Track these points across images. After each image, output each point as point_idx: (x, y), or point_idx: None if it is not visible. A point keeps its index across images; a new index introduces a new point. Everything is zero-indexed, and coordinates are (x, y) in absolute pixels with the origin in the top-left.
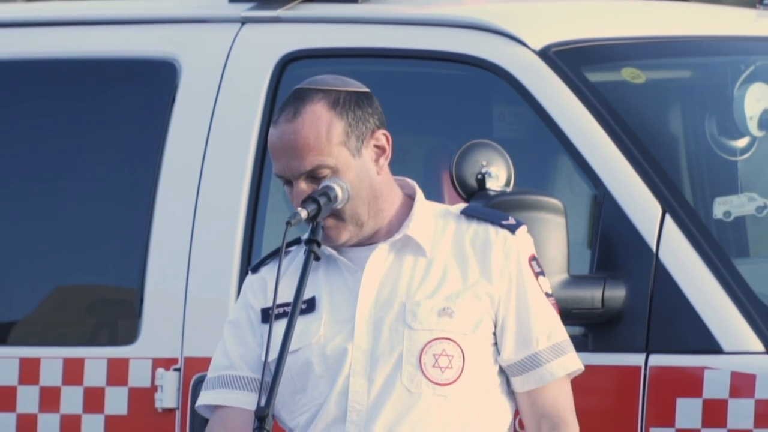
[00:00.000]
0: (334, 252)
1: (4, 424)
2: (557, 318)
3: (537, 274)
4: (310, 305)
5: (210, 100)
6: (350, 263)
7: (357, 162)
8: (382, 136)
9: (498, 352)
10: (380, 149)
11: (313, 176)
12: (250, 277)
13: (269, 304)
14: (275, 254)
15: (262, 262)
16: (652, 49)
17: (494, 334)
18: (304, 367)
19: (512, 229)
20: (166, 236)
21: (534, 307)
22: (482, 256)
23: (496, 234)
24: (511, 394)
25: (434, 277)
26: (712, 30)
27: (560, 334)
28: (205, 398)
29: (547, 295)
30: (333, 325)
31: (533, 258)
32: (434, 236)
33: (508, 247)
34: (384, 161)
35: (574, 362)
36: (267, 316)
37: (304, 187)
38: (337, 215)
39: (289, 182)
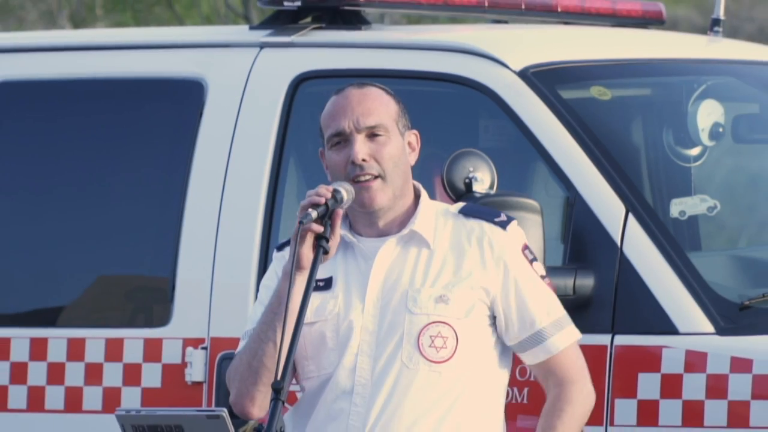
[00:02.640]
0: (354, 239)
1: (54, 395)
2: (554, 296)
3: (531, 261)
4: (327, 283)
5: (233, 114)
6: (365, 251)
7: (401, 140)
8: (413, 136)
9: (495, 332)
10: (411, 147)
11: (373, 134)
12: (276, 254)
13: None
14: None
15: (287, 243)
16: (617, 70)
17: (489, 317)
18: (318, 338)
19: (504, 225)
20: (195, 232)
21: (532, 290)
22: (478, 249)
23: (490, 230)
24: (505, 367)
25: (434, 267)
26: (669, 53)
27: (558, 310)
28: (242, 345)
29: (543, 277)
30: (346, 305)
31: (525, 247)
32: (436, 231)
33: (501, 241)
34: (413, 157)
35: (573, 334)
36: None
37: (362, 139)
38: (383, 178)
39: (338, 144)
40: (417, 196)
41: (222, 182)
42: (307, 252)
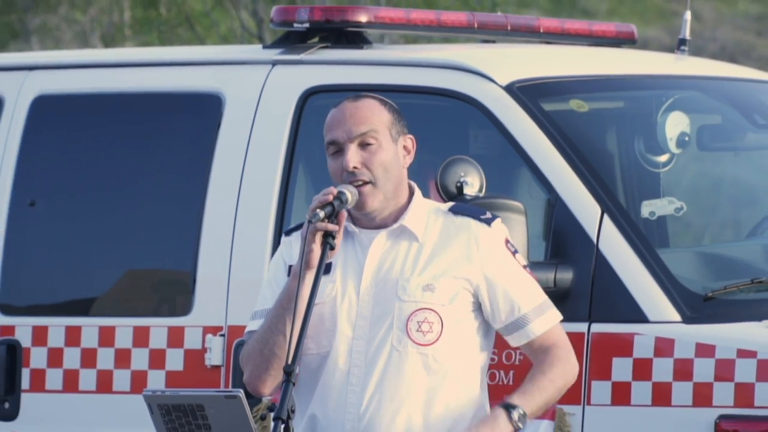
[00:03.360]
0: (355, 229)
1: (87, 378)
2: (535, 284)
3: (513, 253)
4: (327, 268)
5: (248, 124)
6: (363, 240)
7: (393, 147)
8: (409, 140)
9: (477, 318)
10: (406, 150)
11: (364, 142)
12: (284, 239)
13: (293, 262)
14: (302, 225)
15: (294, 229)
16: (593, 84)
17: (473, 303)
18: (317, 319)
19: (489, 222)
20: (214, 231)
21: (514, 279)
22: (465, 243)
23: (476, 226)
24: (486, 349)
25: (423, 259)
26: (640, 70)
27: (539, 296)
28: (252, 326)
29: (525, 267)
30: (343, 290)
31: (507, 241)
32: (426, 227)
33: (486, 236)
34: (407, 160)
35: (553, 317)
36: (289, 271)
37: (354, 148)
38: (374, 183)
39: (337, 153)
40: (412, 194)
41: (238, 186)
42: (315, 249)
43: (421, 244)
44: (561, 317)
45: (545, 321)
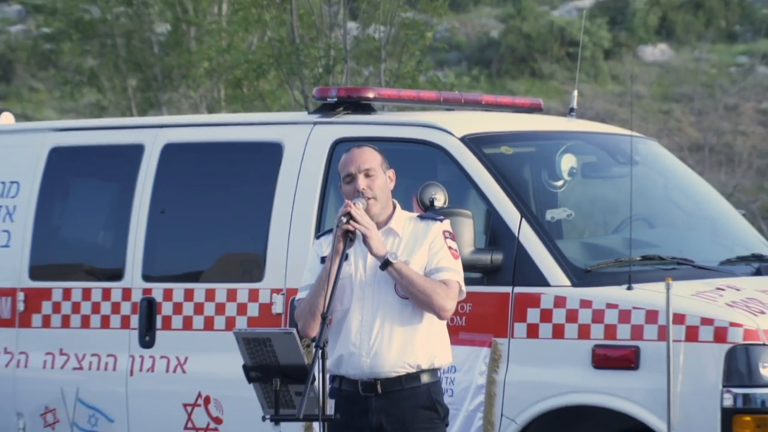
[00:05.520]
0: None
1: (198, 321)
2: (451, 257)
3: (446, 239)
4: (347, 256)
5: (298, 161)
6: None
7: (384, 176)
8: (391, 172)
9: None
10: (390, 179)
11: (367, 174)
12: (315, 241)
13: (324, 254)
14: (329, 231)
15: (321, 234)
16: (516, 136)
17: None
18: (341, 288)
19: (439, 220)
20: (278, 229)
21: (440, 252)
22: (424, 235)
23: (432, 224)
24: None
25: (401, 246)
26: (545, 127)
27: (449, 262)
28: (300, 295)
29: (450, 248)
30: (355, 269)
31: (447, 232)
32: (404, 228)
33: (434, 229)
34: (391, 185)
35: (453, 276)
36: (323, 261)
37: (362, 177)
38: (375, 198)
39: (350, 181)
40: (395, 208)
41: (292, 200)
42: (341, 243)
43: (401, 238)
44: (457, 279)
45: (446, 275)
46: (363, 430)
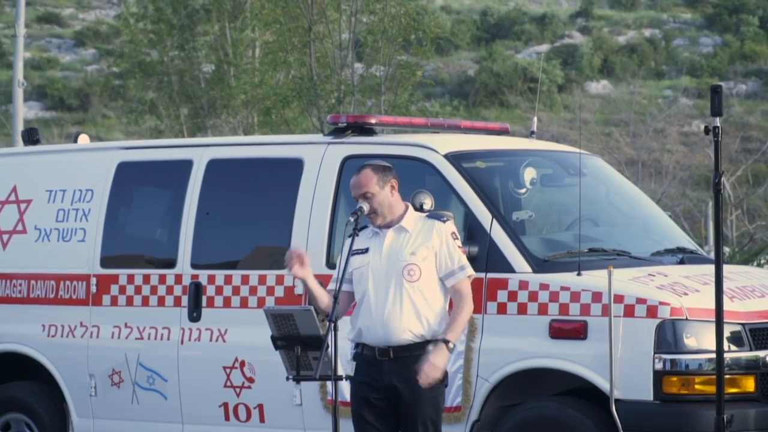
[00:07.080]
0: (378, 230)
1: (235, 301)
2: (462, 255)
3: (454, 239)
4: (366, 250)
5: (315, 174)
6: (382, 235)
7: (381, 191)
8: (394, 181)
9: (437, 271)
10: (393, 187)
11: (365, 196)
12: (346, 239)
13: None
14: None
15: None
16: (488, 153)
17: (435, 262)
18: (359, 276)
19: (445, 221)
20: (299, 229)
21: (450, 251)
22: (431, 232)
23: (438, 223)
24: (444, 290)
25: (410, 241)
26: (511, 146)
27: (463, 261)
28: (330, 286)
29: (459, 247)
30: (372, 260)
31: (453, 232)
32: (414, 225)
33: (442, 228)
34: (395, 192)
35: (470, 270)
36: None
37: (362, 200)
38: (375, 212)
39: (357, 199)
40: (407, 209)
41: (310, 206)
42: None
43: (410, 234)
44: (474, 273)
45: (461, 275)
46: (379, 387)
